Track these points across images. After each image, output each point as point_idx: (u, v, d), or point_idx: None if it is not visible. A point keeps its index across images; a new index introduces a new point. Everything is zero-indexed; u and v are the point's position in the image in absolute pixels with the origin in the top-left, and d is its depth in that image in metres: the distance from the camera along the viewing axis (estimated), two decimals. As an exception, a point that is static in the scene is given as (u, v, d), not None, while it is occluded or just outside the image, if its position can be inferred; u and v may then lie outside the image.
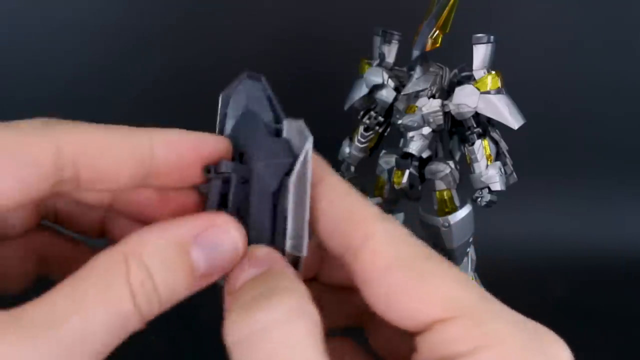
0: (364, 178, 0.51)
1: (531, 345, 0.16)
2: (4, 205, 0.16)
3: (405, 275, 0.16)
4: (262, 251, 0.18)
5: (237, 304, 0.16)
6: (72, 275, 0.16)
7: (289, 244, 0.18)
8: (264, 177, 0.18)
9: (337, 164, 0.52)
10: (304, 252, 0.18)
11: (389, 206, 0.50)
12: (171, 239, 0.16)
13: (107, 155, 0.17)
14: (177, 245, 0.16)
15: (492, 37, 0.43)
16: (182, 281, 0.17)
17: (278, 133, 0.20)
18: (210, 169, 0.19)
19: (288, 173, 0.19)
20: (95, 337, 0.15)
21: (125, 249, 0.16)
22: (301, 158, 0.18)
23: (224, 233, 0.17)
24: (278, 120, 0.21)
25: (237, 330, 0.15)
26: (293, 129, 0.20)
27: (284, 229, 0.18)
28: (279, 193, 0.19)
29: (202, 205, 0.20)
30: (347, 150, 0.50)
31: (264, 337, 0.14)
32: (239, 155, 0.20)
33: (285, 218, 0.18)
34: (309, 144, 0.19)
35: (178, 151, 0.18)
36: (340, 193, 0.19)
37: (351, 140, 0.50)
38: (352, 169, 0.51)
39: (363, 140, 0.49)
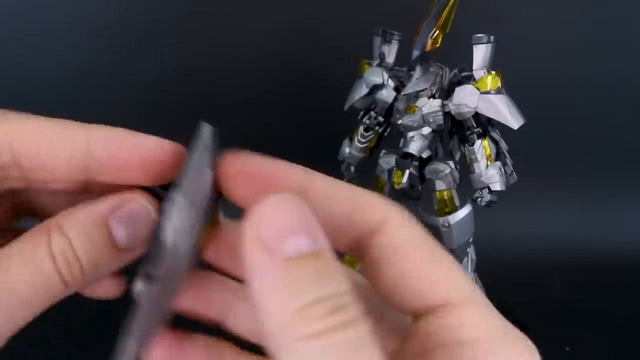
0: (364, 178, 0.51)
1: (521, 345, 0.16)
2: None
3: (420, 258, 0.17)
4: (305, 212, 0.15)
5: (301, 306, 0.14)
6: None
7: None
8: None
9: (337, 164, 0.52)
10: None
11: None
12: (90, 213, 0.18)
13: (42, 141, 0.18)
14: (95, 217, 0.18)
15: (492, 37, 0.43)
16: (102, 249, 0.18)
17: None
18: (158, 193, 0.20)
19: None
20: (18, 293, 0.17)
21: (49, 224, 0.18)
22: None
23: (138, 205, 0.18)
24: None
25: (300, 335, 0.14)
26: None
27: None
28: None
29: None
30: (347, 150, 0.50)
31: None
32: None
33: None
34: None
35: (114, 147, 0.19)
36: (339, 187, 0.18)
37: (351, 140, 0.50)
38: (352, 169, 0.51)
39: (363, 140, 0.49)
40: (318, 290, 0.14)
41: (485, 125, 0.45)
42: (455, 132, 0.47)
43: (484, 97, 0.42)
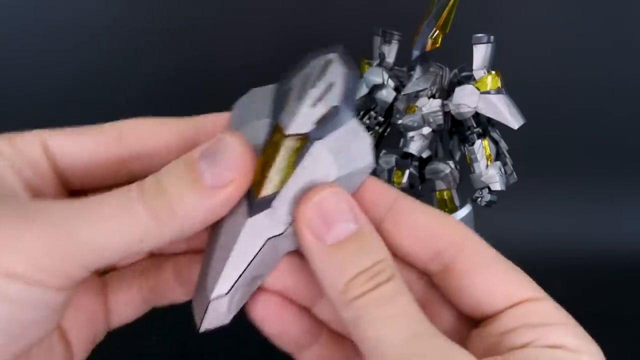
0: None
1: (586, 336, 0.19)
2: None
3: (503, 267, 0.21)
4: (347, 200, 0.19)
5: (354, 286, 0.18)
6: None
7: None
8: None
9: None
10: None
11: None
12: (181, 158, 0.19)
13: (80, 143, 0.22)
14: (185, 160, 0.19)
15: (492, 37, 0.43)
16: (188, 184, 0.18)
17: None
18: None
19: None
20: (112, 232, 0.18)
21: None
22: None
23: (222, 142, 0.19)
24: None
25: (356, 310, 0.18)
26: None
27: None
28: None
29: None
30: (347, 150, 0.50)
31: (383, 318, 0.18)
32: None
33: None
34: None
35: (142, 127, 0.22)
36: (422, 209, 0.22)
37: (351, 140, 0.50)
38: (352, 169, 0.51)
39: (363, 140, 0.49)
40: (358, 266, 0.18)
41: (485, 125, 0.45)
42: (455, 132, 0.47)
43: (484, 97, 0.42)
